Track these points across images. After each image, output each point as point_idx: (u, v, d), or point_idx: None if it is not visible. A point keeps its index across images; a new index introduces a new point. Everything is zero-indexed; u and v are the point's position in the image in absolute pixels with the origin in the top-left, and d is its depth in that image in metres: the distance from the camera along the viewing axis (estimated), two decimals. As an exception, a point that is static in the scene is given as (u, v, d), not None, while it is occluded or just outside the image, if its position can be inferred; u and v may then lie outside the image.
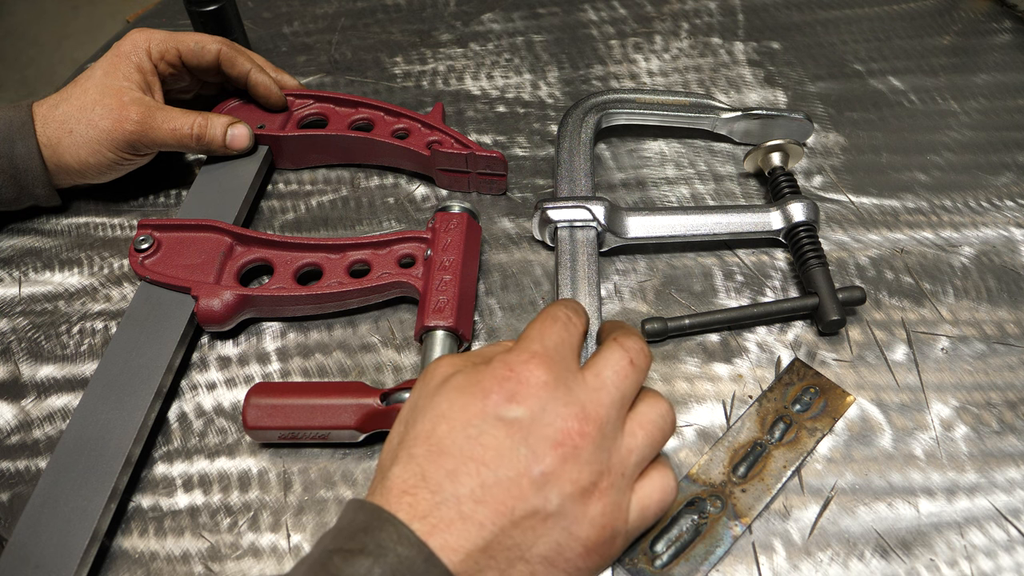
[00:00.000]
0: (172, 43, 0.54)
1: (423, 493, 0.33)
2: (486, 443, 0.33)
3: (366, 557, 0.31)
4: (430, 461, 0.33)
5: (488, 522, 0.32)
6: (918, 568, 0.40)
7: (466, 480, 0.33)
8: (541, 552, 0.33)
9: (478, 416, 0.34)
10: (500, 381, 0.34)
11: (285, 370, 0.49)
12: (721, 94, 0.64)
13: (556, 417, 0.34)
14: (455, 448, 0.33)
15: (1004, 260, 0.52)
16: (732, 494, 0.42)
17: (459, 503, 0.32)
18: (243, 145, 0.55)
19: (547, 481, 0.33)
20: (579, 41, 0.69)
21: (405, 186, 0.59)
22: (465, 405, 0.34)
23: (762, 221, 0.51)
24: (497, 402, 0.34)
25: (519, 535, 0.32)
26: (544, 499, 0.33)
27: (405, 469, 0.34)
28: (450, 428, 0.34)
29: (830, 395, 0.46)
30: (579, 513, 0.33)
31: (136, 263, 0.50)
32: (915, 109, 0.62)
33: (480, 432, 0.34)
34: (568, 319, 0.38)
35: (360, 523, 0.32)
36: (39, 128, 0.51)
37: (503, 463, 0.33)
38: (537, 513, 0.33)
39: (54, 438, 0.46)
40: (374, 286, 0.48)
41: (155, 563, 0.41)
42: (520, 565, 0.33)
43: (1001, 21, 0.69)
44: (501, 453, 0.33)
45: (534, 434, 0.33)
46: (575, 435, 0.34)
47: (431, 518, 0.32)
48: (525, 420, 0.34)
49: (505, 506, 0.32)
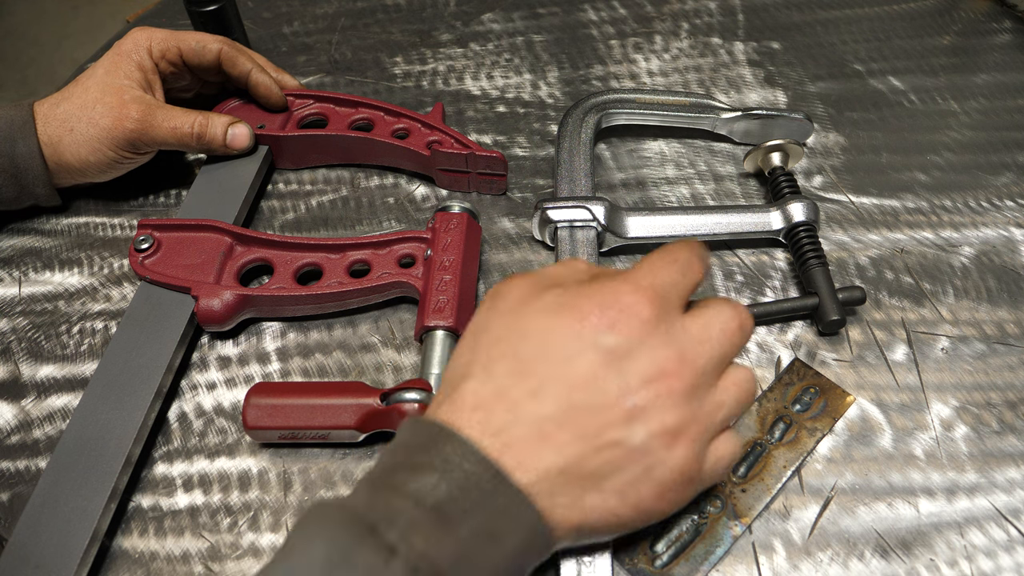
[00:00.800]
0: (173, 42, 0.54)
1: (499, 410, 0.32)
2: (577, 367, 0.32)
3: (431, 473, 0.30)
4: (512, 379, 0.32)
5: (568, 446, 0.31)
6: (918, 568, 0.40)
7: (550, 401, 0.32)
8: (616, 486, 0.32)
9: (573, 338, 0.33)
10: (601, 307, 0.33)
11: (285, 370, 0.49)
12: (721, 94, 0.64)
13: (654, 355, 0.33)
14: (542, 368, 0.32)
15: (1004, 260, 0.52)
16: (732, 494, 0.42)
17: (540, 423, 0.31)
18: (243, 145, 0.55)
19: (636, 416, 0.32)
20: (579, 41, 0.69)
21: (405, 186, 0.59)
22: (557, 326, 0.33)
23: (762, 221, 0.51)
24: (596, 327, 0.33)
25: (598, 464, 0.32)
26: (630, 433, 0.32)
27: (481, 385, 0.33)
28: (538, 348, 0.33)
29: (830, 395, 0.46)
30: (662, 455, 0.32)
31: (136, 263, 0.50)
32: (915, 109, 0.62)
33: (573, 355, 0.32)
34: (688, 263, 0.36)
35: (421, 440, 0.32)
36: (40, 127, 0.51)
37: (593, 389, 0.32)
38: (620, 445, 0.32)
39: (54, 438, 0.46)
40: (374, 286, 0.48)
41: (155, 563, 0.41)
42: (593, 494, 0.32)
43: (1001, 21, 0.69)
44: (593, 379, 0.32)
45: (629, 367, 0.32)
46: (671, 377, 0.33)
47: (505, 435, 0.31)
48: (622, 351, 0.32)
49: (588, 432, 0.32)
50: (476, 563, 0.29)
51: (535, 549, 0.32)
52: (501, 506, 0.30)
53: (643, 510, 0.33)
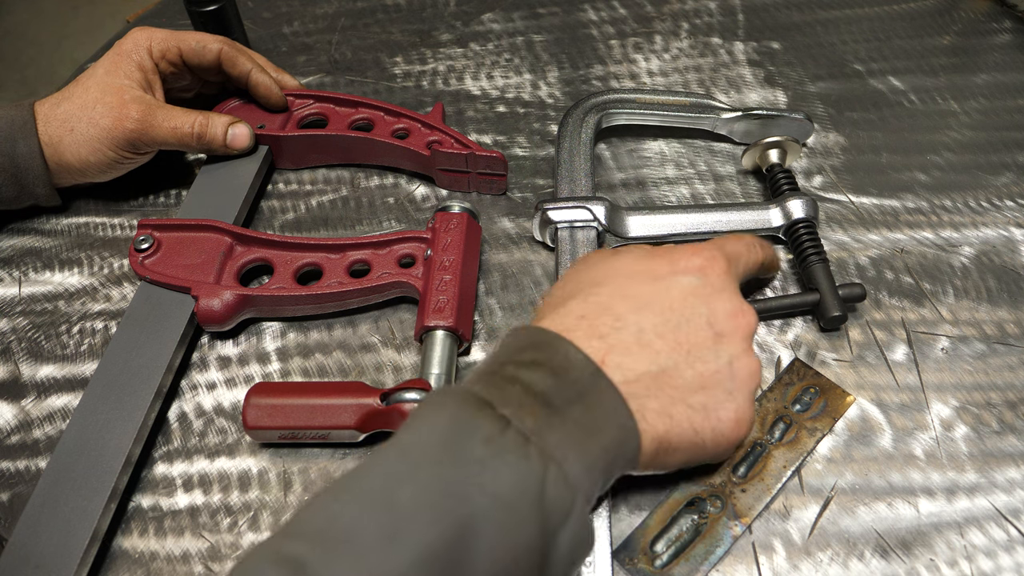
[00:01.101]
0: (173, 42, 0.54)
1: (605, 318, 0.36)
2: (673, 294, 0.37)
3: (537, 368, 0.33)
4: (615, 298, 0.37)
5: (665, 353, 0.35)
6: (918, 568, 0.40)
7: (650, 316, 0.36)
8: (702, 401, 0.36)
9: (667, 273, 0.38)
10: (687, 256, 0.39)
11: (285, 370, 0.49)
12: (721, 94, 0.64)
13: (733, 297, 0.39)
14: (643, 292, 0.37)
15: (1004, 260, 0.52)
16: (732, 494, 0.42)
17: (640, 332, 0.36)
18: (244, 144, 0.55)
19: (722, 340, 0.37)
20: (579, 41, 0.69)
21: (405, 186, 0.59)
22: (651, 266, 0.39)
23: (762, 218, 0.51)
24: (685, 268, 0.38)
25: (689, 375, 0.36)
26: (718, 353, 0.36)
27: (586, 302, 0.37)
28: (637, 278, 0.38)
29: (830, 395, 0.46)
30: (742, 382, 0.37)
31: (136, 263, 0.50)
32: (915, 109, 0.62)
33: (668, 286, 0.37)
34: (752, 245, 0.44)
35: (528, 341, 0.35)
36: (41, 127, 0.51)
37: (687, 312, 0.37)
38: (709, 362, 0.36)
39: (54, 438, 0.46)
40: (374, 286, 0.48)
41: (155, 563, 0.41)
42: (681, 406, 0.35)
43: (1001, 21, 0.69)
44: (686, 304, 0.37)
45: (715, 302, 0.38)
46: (748, 315, 0.38)
47: (610, 339, 0.35)
48: (708, 288, 0.38)
49: (683, 346, 0.36)
50: (578, 448, 0.32)
51: (625, 451, 0.34)
52: (599, 401, 0.33)
53: (719, 434, 0.36)
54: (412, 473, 0.29)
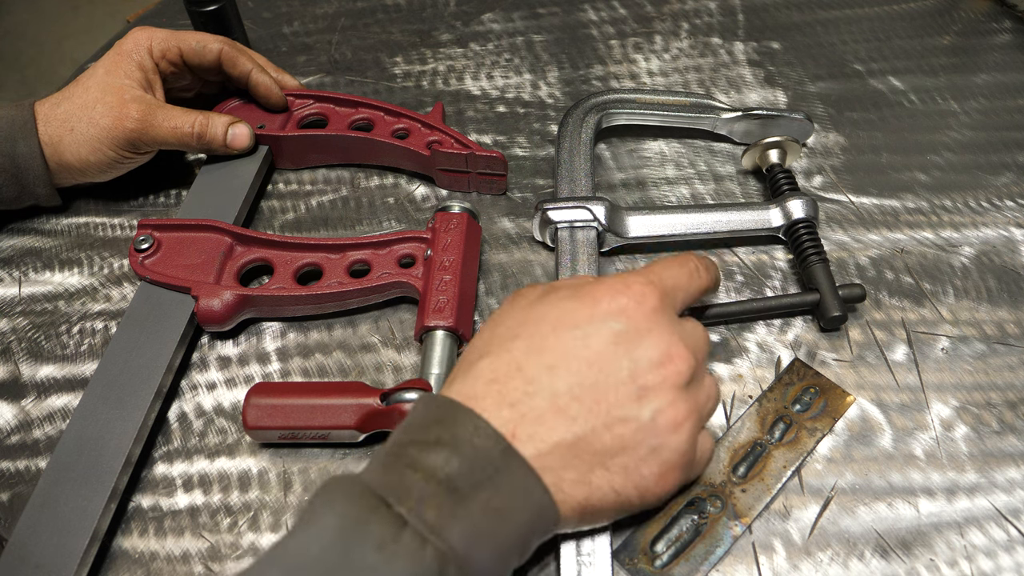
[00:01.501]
0: (174, 42, 0.54)
1: (516, 382, 0.33)
2: (591, 345, 0.34)
3: (443, 448, 0.31)
4: (529, 355, 0.34)
5: (581, 419, 0.33)
6: (918, 568, 0.40)
7: (565, 376, 0.33)
8: (623, 463, 0.34)
9: (586, 320, 0.35)
10: (613, 294, 0.36)
11: (285, 370, 0.49)
12: (721, 94, 0.64)
13: (660, 342, 0.35)
14: (558, 346, 0.34)
15: (1004, 260, 0.52)
16: (732, 494, 0.42)
17: (555, 396, 0.33)
18: (244, 144, 0.55)
19: (645, 395, 0.34)
20: (579, 41, 0.69)
21: (405, 186, 0.59)
22: (573, 309, 0.35)
23: (762, 218, 0.51)
24: (607, 311, 0.35)
25: (608, 439, 0.33)
26: (639, 411, 0.34)
27: (498, 360, 0.34)
28: (554, 328, 0.35)
29: (830, 395, 0.46)
30: (667, 436, 0.34)
31: (136, 263, 0.50)
32: (915, 109, 0.62)
33: (586, 335, 0.34)
34: (696, 271, 0.40)
35: (433, 416, 0.33)
36: (41, 127, 0.51)
37: (606, 367, 0.34)
38: (630, 422, 0.33)
39: (54, 438, 0.46)
40: (374, 286, 0.48)
41: (155, 563, 0.41)
42: (600, 471, 0.33)
43: (1001, 21, 0.69)
44: (605, 358, 0.34)
45: (638, 350, 0.34)
46: (677, 362, 0.35)
47: (521, 407, 0.33)
48: (632, 334, 0.35)
49: (601, 407, 0.33)
50: (485, 537, 0.30)
51: (541, 526, 0.33)
52: (511, 482, 0.31)
53: (644, 490, 0.35)
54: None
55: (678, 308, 0.38)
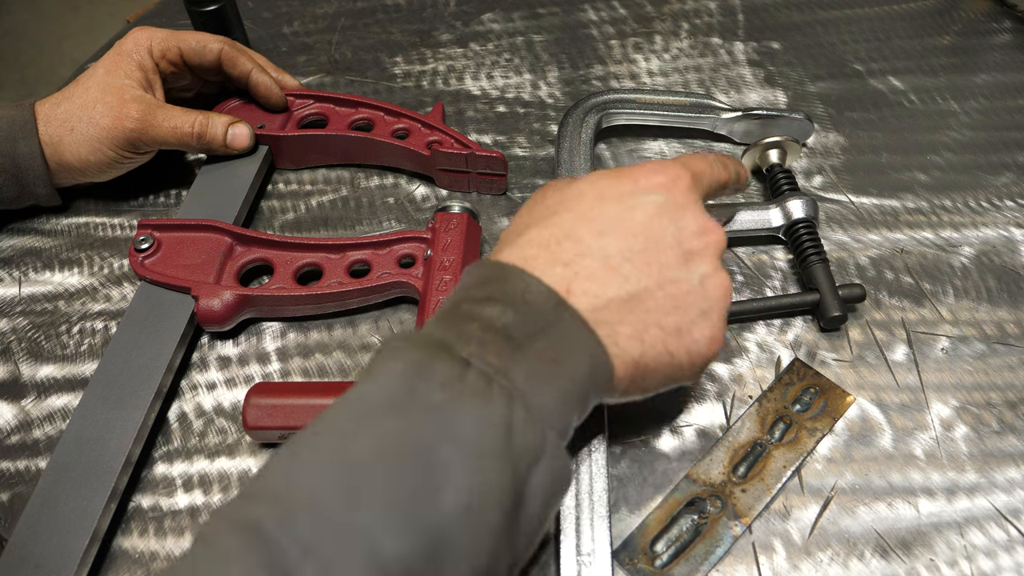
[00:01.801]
0: (174, 42, 0.54)
1: (567, 244, 0.34)
2: (636, 215, 0.35)
3: (495, 304, 0.32)
4: (577, 224, 0.35)
5: (634, 278, 0.34)
6: (918, 568, 0.40)
7: (615, 240, 0.34)
8: (676, 323, 0.34)
9: (628, 194, 0.36)
10: (649, 173, 0.37)
11: (285, 370, 0.49)
12: (721, 94, 0.64)
13: (698, 215, 0.37)
14: (605, 215, 0.35)
15: (1004, 260, 0.52)
16: (732, 494, 0.42)
17: (606, 258, 0.34)
18: (244, 144, 0.55)
19: (691, 260, 0.35)
20: (579, 41, 0.69)
21: (405, 186, 0.59)
22: (613, 185, 0.37)
23: (762, 218, 0.51)
24: (647, 187, 0.36)
25: (661, 298, 0.34)
26: (689, 273, 0.35)
27: (545, 230, 0.35)
28: (598, 201, 0.36)
29: (830, 395, 0.46)
30: (715, 300, 0.36)
31: (136, 263, 0.50)
32: (915, 109, 0.62)
33: (631, 207, 0.36)
34: (714, 163, 0.41)
35: (484, 277, 0.34)
36: (41, 127, 0.51)
37: (653, 234, 0.35)
38: (681, 283, 0.35)
39: (54, 438, 0.46)
40: (374, 286, 0.48)
41: (155, 563, 0.41)
42: (654, 329, 0.34)
43: (1001, 21, 0.69)
44: (651, 226, 0.35)
45: (680, 220, 0.36)
46: (717, 233, 0.37)
47: (574, 266, 0.34)
48: (672, 207, 0.36)
49: (652, 268, 0.34)
50: (546, 383, 0.31)
51: (597, 380, 0.33)
52: (564, 333, 0.32)
53: (695, 354, 0.35)
54: (369, 426, 0.28)
55: (705, 194, 0.40)
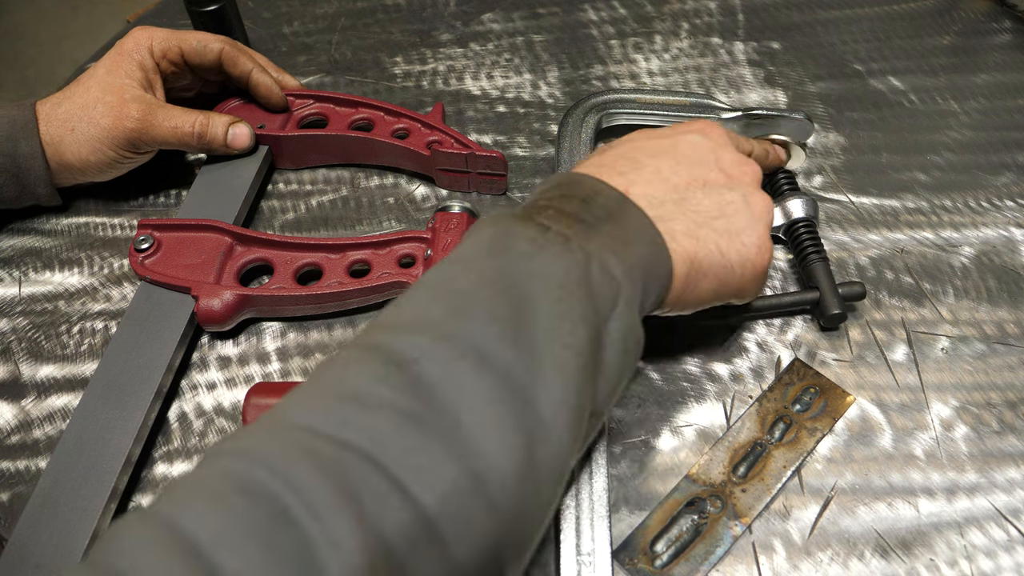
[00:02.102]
0: (175, 41, 0.54)
1: (623, 163, 0.39)
2: (680, 147, 0.40)
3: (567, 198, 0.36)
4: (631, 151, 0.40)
5: (683, 185, 0.38)
6: (918, 568, 0.40)
7: (666, 161, 0.39)
8: (726, 226, 0.38)
9: (672, 133, 0.41)
10: (689, 125, 0.42)
11: (285, 370, 0.49)
12: (721, 94, 0.64)
13: (734, 153, 0.41)
14: (653, 147, 0.40)
15: (1004, 260, 0.52)
16: (732, 494, 0.42)
17: (658, 171, 0.39)
18: (244, 144, 0.55)
19: (733, 180, 0.40)
20: (579, 41, 0.69)
21: (405, 186, 0.59)
22: (657, 135, 0.42)
23: (762, 221, 0.51)
24: (686, 129, 0.42)
25: (708, 203, 0.38)
26: (731, 191, 0.39)
27: (602, 155, 0.40)
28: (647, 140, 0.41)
29: (830, 395, 0.46)
30: (760, 214, 0.39)
31: (136, 263, 0.50)
32: (915, 109, 0.62)
33: (675, 143, 0.41)
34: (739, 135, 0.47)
35: (551, 184, 0.38)
36: (42, 127, 0.51)
37: (698, 157, 0.40)
38: (725, 195, 0.39)
39: (54, 438, 0.46)
40: (374, 286, 0.48)
41: (155, 563, 0.41)
42: (706, 230, 0.37)
43: (1001, 21, 0.69)
44: (695, 152, 0.40)
45: (719, 152, 0.41)
46: (751, 165, 0.41)
47: (631, 175, 0.38)
48: (712, 143, 0.41)
49: (698, 181, 0.39)
50: (614, 255, 0.34)
51: (658, 270, 0.35)
52: (628, 221, 0.35)
53: (744, 259, 0.38)
54: (468, 268, 0.32)
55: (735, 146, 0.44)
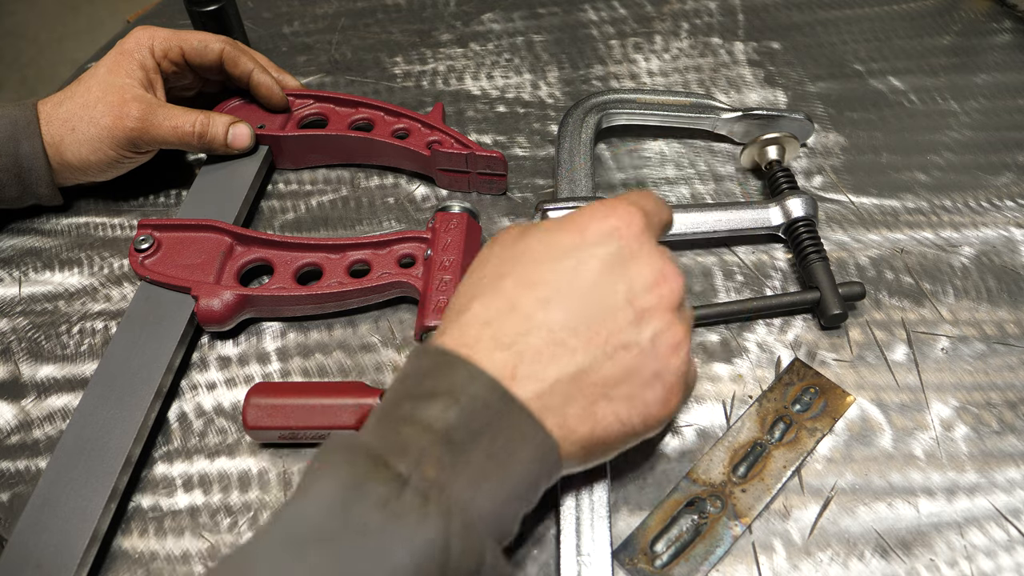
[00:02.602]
0: (175, 41, 0.54)
1: (510, 321, 0.32)
2: (583, 274, 0.33)
3: (439, 399, 0.30)
4: (521, 291, 0.33)
5: (581, 351, 0.32)
6: (918, 568, 0.40)
7: (560, 309, 0.32)
8: (627, 391, 0.33)
9: (575, 248, 0.34)
10: (600, 219, 0.35)
11: (285, 370, 0.49)
12: (721, 94, 0.64)
13: (652, 261, 0.34)
14: (550, 278, 0.33)
15: (1004, 260, 0.52)
16: (732, 494, 0.42)
17: (551, 332, 0.32)
18: (244, 144, 0.55)
19: (643, 318, 0.33)
20: (579, 41, 0.69)
21: (405, 186, 0.59)
22: (560, 239, 0.34)
23: (761, 217, 0.51)
24: (596, 236, 0.34)
25: (610, 369, 0.32)
26: (639, 334, 0.33)
27: (491, 301, 0.33)
28: (543, 260, 0.34)
29: (830, 395, 0.46)
30: (668, 358, 0.34)
31: (136, 263, 0.50)
32: (915, 109, 0.62)
33: (578, 263, 0.33)
34: (661, 201, 0.38)
35: (426, 367, 0.32)
36: (44, 127, 0.51)
37: (602, 294, 0.33)
38: (631, 347, 0.33)
39: (54, 438, 0.46)
40: (374, 286, 0.48)
41: (155, 563, 0.41)
42: (603, 402, 0.33)
43: (1001, 21, 0.69)
44: (599, 285, 0.33)
45: (632, 271, 0.34)
46: (671, 281, 0.34)
47: (518, 346, 0.32)
48: (624, 256, 0.34)
49: (600, 336, 0.32)
50: (488, 487, 0.30)
51: (546, 469, 0.32)
52: (510, 427, 0.30)
53: (648, 416, 0.34)
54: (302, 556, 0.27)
55: (657, 234, 0.37)
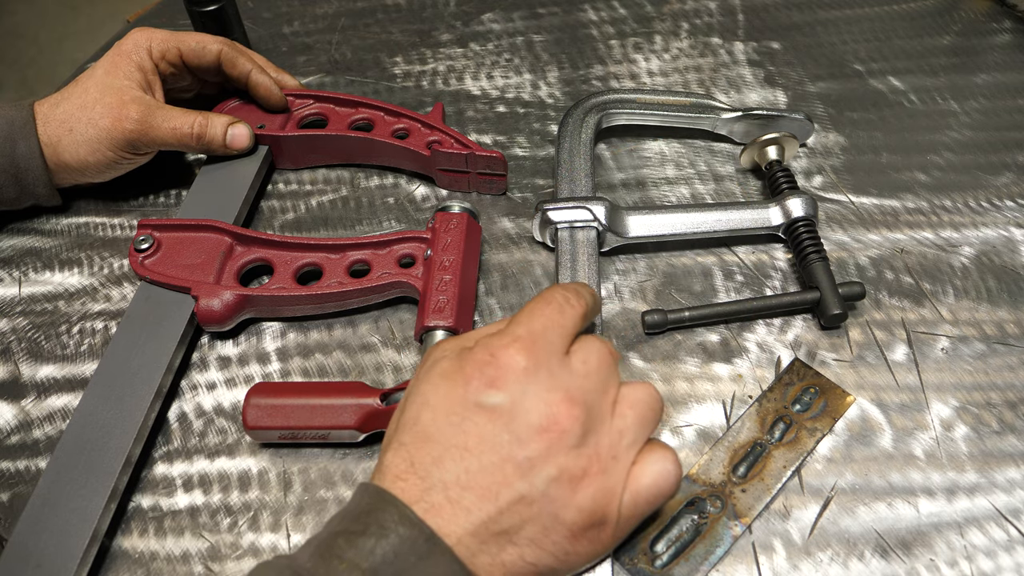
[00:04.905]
0: (173, 42, 0.54)
1: (413, 479, 0.33)
2: (468, 429, 0.34)
3: (368, 538, 0.32)
4: (417, 448, 0.34)
5: (474, 507, 0.32)
6: (918, 568, 0.40)
7: (451, 466, 0.33)
8: (529, 536, 0.33)
9: (459, 403, 0.34)
10: (480, 367, 0.34)
11: (285, 370, 0.49)
12: (721, 94, 0.64)
13: (539, 402, 0.33)
14: (439, 435, 0.34)
15: (1004, 260, 0.52)
16: (732, 494, 0.42)
17: (446, 489, 0.33)
18: (243, 145, 0.55)
19: (532, 466, 0.33)
20: (579, 41, 0.69)
21: (405, 186, 0.59)
22: (447, 392, 0.35)
23: (761, 217, 0.51)
24: (478, 388, 0.34)
25: (506, 520, 0.33)
26: (529, 484, 0.33)
27: (396, 455, 0.34)
28: (433, 415, 0.34)
29: (830, 395, 0.46)
30: (566, 498, 0.33)
31: (136, 263, 0.50)
32: (915, 109, 0.62)
33: (462, 419, 0.34)
34: (565, 301, 0.37)
35: (364, 505, 0.33)
36: (40, 127, 0.51)
37: (486, 449, 0.33)
38: (523, 498, 0.33)
39: (54, 438, 0.46)
40: (374, 286, 0.48)
41: (155, 563, 0.41)
42: (510, 549, 0.33)
43: (1001, 21, 0.69)
44: (483, 439, 0.33)
45: (517, 419, 0.33)
46: (562, 419, 0.33)
47: (423, 503, 0.33)
48: (506, 406, 0.34)
49: (490, 492, 0.33)
50: None
51: None
52: (433, 568, 0.31)
53: (561, 554, 0.34)
54: None
55: (561, 347, 0.35)
